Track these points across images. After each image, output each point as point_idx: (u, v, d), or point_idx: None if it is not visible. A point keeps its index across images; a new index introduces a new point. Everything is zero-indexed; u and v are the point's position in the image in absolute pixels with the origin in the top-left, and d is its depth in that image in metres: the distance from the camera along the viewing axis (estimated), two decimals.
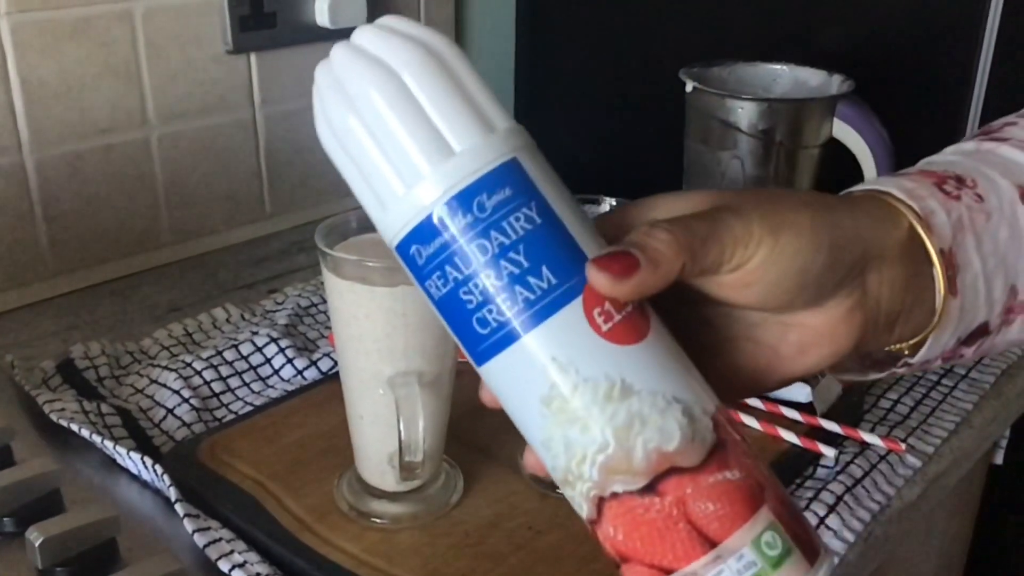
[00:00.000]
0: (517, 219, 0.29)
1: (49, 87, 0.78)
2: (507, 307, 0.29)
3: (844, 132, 0.81)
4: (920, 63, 0.88)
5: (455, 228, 0.29)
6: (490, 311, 0.30)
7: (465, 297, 0.30)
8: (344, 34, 0.33)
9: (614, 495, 0.29)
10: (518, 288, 0.29)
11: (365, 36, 0.31)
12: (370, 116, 0.30)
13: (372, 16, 0.96)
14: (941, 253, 0.34)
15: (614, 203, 0.56)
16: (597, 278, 0.29)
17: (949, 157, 0.40)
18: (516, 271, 0.29)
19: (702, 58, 0.85)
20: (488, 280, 0.29)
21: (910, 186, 0.36)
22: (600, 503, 0.30)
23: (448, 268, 0.29)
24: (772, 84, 0.85)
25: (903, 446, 0.61)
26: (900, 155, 0.81)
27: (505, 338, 0.30)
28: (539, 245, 0.29)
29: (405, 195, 0.29)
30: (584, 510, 0.30)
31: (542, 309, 0.29)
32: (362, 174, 0.30)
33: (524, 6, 1.16)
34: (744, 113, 0.77)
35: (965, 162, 0.38)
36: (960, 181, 0.36)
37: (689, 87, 0.81)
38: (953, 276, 0.35)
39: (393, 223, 0.30)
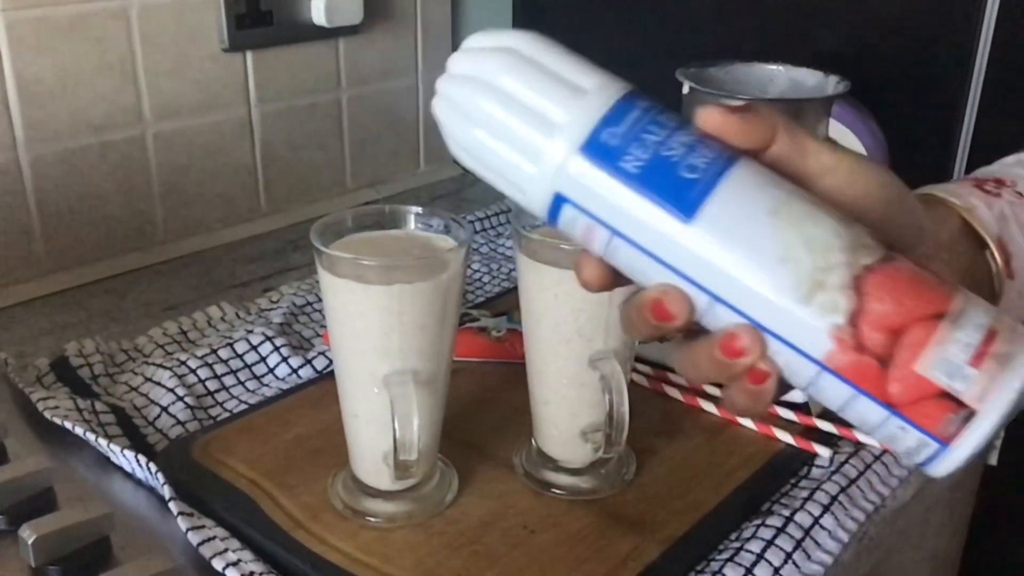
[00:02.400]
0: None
1: (44, 84, 0.78)
2: (709, 148, 0.32)
3: (840, 133, 0.81)
4: (916, 64, 0.88)
5: (641, 105, 0.33)
6: (698, 154, 0.32)
7: (668, 152, 0.32)
8: (340, 32, 0.34)
9: (867, 268, 0.31)
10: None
11: (456, 59, 0.35)
12: (514, 77, 0.33)
13: (367, 15, 0.97)
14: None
15: None
16: (709, 113, 0.33)
17: (988, 168, 0.43)
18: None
19: (698, 58, 0.85)
20: (685, 134, 0.33)
21: (951, 187, 0.38)
22: (858, 283, 0.30)
23: (645, 135, 0.32)
24: (768, 84, 0.85)
25: None
26: (896, 156, 0.81)
27: (718, 171, 0.32)
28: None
29: (576, 103, 0.33)
30: (843, 308, 0.30)
31: None
32: (518, 118, 0.33)
33: (521, 7, 1.16)
34: None
35: (1003, 169, 0.41)
36: (999, 182, 0.39)
37: (685, 88, 0.81)
38: (1008, 260, 0.35)
39: (573, 128, 0.33)
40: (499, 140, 0.33)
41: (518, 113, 0.33)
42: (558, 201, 0.33)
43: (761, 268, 0.31)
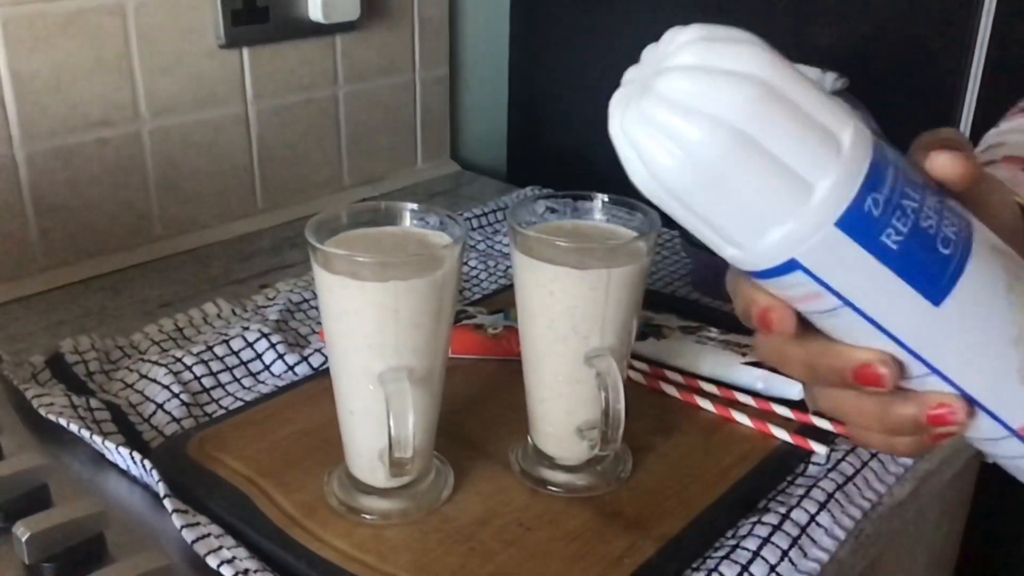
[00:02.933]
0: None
1: (40, 80, 0.78)
2: (950, 210, 0.29)
3: None
4: (914, 60, 0.88)
5: (889, 157, 0.29)
6: (948, 223, 0.29)
7: (926, 223, 0.28)
8: (337, 29, 0.32)
9: None
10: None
11: (675, 78, 0.28)
12: (758, 128, 0.27)
13: (364, 11, 0.96)
14: None
15: (606, 199, 0.56)
16: (942, 160, 0.30)
17: (1018, 136, 0.41)
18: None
19: None
20: (926, 191, 0.29)
21: (1006, 175, 0.37)
22: None
23: (904, 202, 0.28)
24: None
25: None
26: None
27: (967, 243, 0.29)
28: None
29: (837, 161, 0.27)
30: None
31: None
32: (759, 173, 0.27)
33: (519, 4, 1.16)
34: None
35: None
36: None
37: None
38: None
39: (833, 196, 0.28)
40: (729, 191, 0.28)
41: (763, 166, 0.27)
42: (790, 266, 0.29)
43: (993, 349, 0.30)
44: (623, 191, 0.45)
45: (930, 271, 0.29)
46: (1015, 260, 0.30)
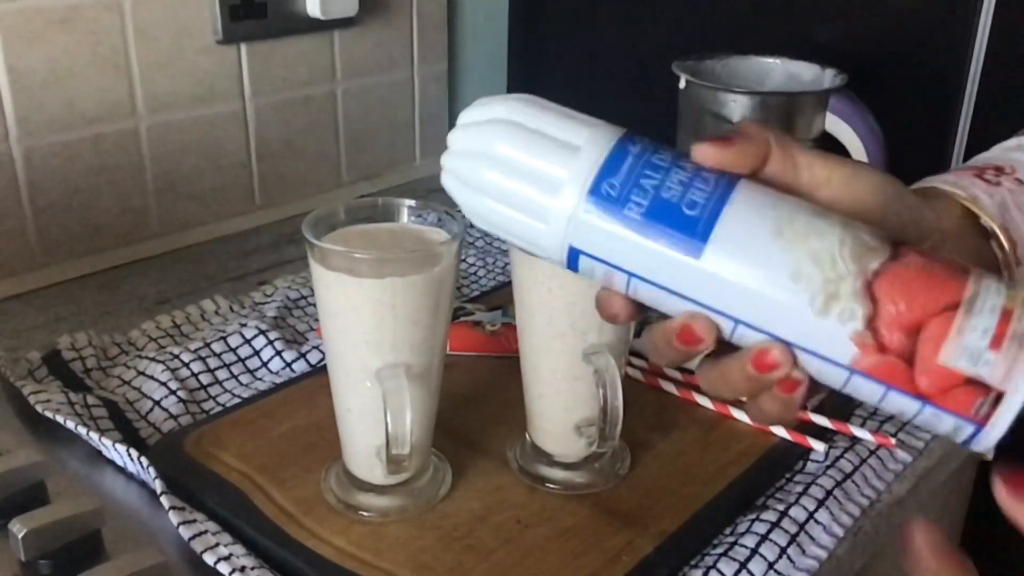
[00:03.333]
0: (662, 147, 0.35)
1: (37, 76, 0.77)
2: (705, 181, 0.34)
3: (837, 126, 0.81)
4: (913, 57, 0.87)
5: (634, 151, 0.34)
6: (696, 189, 0.33)
7: (668, 194, 0.33)
8: (335, 25, 0.34)
9: (875, 272, 0.31)
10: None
11: (455, 135, 0.37)
12: (510, 148, 0.36)
13: (362, 7, 0.96)
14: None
15: None
16: (702, 148, 0.34)
17: (988, 154, 0.43)
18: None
19: (695, 51, 0.84)
20: (680, 170, 0.34)
21: (951, 179, 0.38)
22: (870, 288, 0.31)
23: (642, 180, 0.34)
24: (765, 78, 0.85)
25: (893, 441, 0.61)
26: (893, 149, 0.80)
27: (719, 202, 0.33)
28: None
29: (573, 160, 0.34)
30: (859, 314, 0.31)
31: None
32: (521, 183, 0.35)
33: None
34: (737, 106, 0.77)
35: (1002, 155, 0.41)
36: (999, 170, 0.40)
37: (682, 81, 0.81)
38: (1015, 247, 0.36)
39: (574, 185, 0.34)
40: (508, 206, 0.35)
41: (520, 178, 0.35)
42: (574, 253, 0.35)
43: (775, 289, 0.32)
44: None
45: (678, 230, 0.33)
46: (790, 209, 0.33)
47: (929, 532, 0.33)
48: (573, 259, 0.35)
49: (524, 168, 0.35)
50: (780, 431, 0.60)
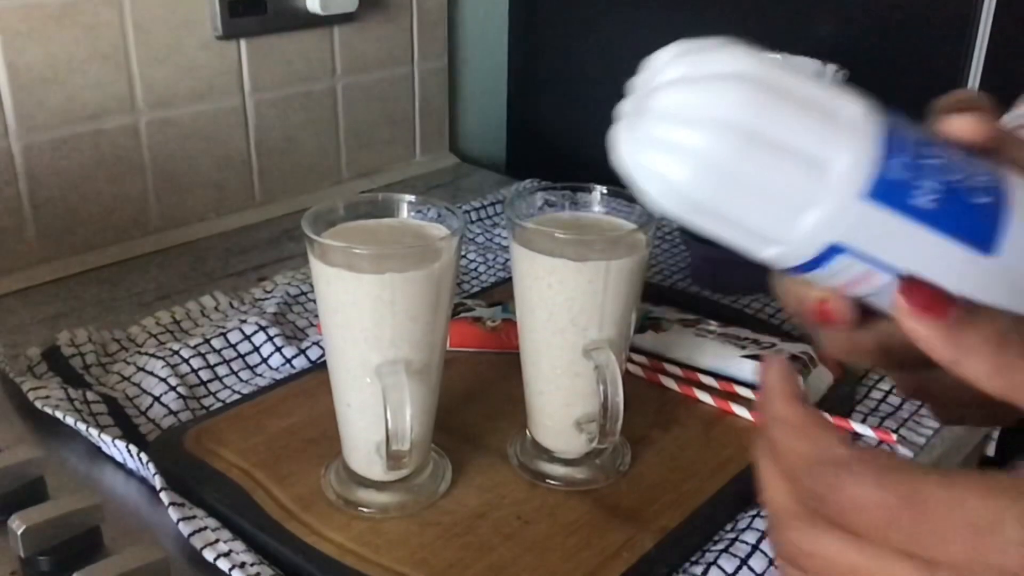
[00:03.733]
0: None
1: (36, 71, 0.77)
2: (970, 160, 0.29)
3: None
4: (914, 53, 0.87)
5: (902, 123, 0.29)
6: (978, 173, 0.29)
7: (956, 177, 0.28)
8: (335, 20, 0.32)
9: None
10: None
11: (666, 94, 0.28)
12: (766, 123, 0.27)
13: (362, 2, 0.96)
14: None
15: (605, 191, 0.56)
16: (967, 122, 0.29)
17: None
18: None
19: None
20: (943, 148, 0.29)
21: None
22: None
23: (928, 161, 0.28)
24: None
25: (895, 437, 0.61)
26: None
27: (1002, 190, 0.29)
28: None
29: (846, 134, 0.28)
30: None
31: None
32: (774, 171, 0.28)
33: None
34: None
35: None
36: None
37: None
38: None
39: (855, 168, 0.27)
40: (748, 188, 0.28)
41: (776, 157, 0.27)
42: (832, 251, 0.28)
43: None
44: (622, 183, 0.44)
45: (973, 222, 0.28)
46: None
47: (783, 375, 0.30)
48: (825, 258, 0.29)
49: (784, 146, 0.27)
50: None
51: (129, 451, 0.55)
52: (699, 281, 0.83)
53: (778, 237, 0.29)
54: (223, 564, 0.48)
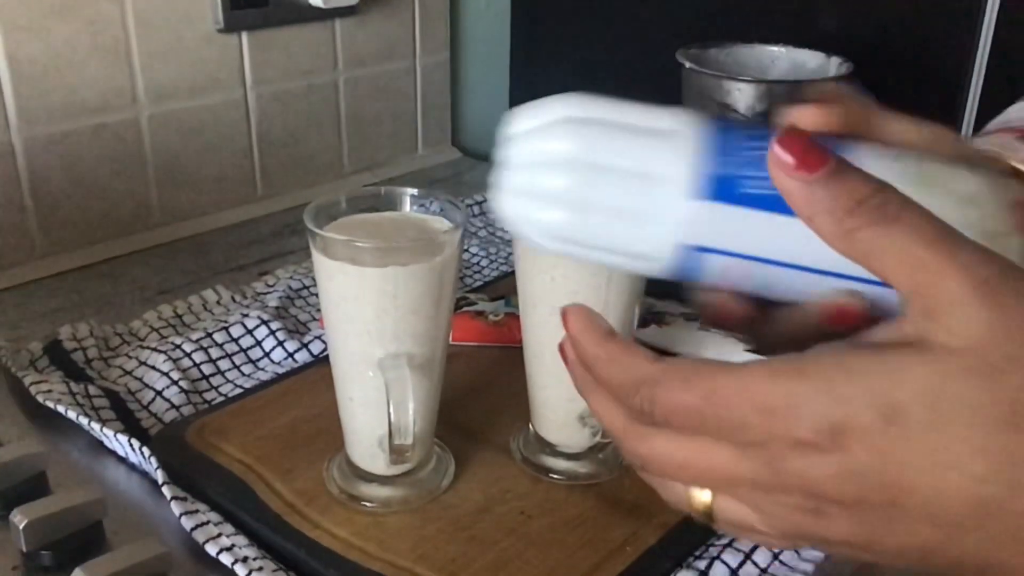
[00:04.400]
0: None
1: (37, 65, 0.77)
2: None
3: None
4: (918, 45, 0.87)
5: (723, 126, 0.31)
6: None
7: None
8: (336, 13, 0.33)
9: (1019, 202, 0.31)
10: None
11: (515, 148, 0.32)
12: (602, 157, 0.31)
13: None
14: None
15: None
16: (804, 111, 0.33)
17: (1005, 117, 0.43)
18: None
19: (699, 39, 0.84)
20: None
21: (993, 140, 0.38)
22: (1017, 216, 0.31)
23: (749, 153, 0.30)
24: (770, 66, 0.84)
25: None
26: None
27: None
28: None
29: (666, 145, 0.30)
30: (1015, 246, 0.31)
31: None
32: (611, 184, 0.31)
33: None
34: (741, 95, 0.76)
35: None
36: None
37: (686, 68, 0.80)
38: None
39: (681, 173, 0.30)
40: (599, 214, 0.31)
41: (612, 180, 0.30)
42: (691, 254, 0.31)
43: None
44: None
45: None
46: (914, 159, 0.32)
47: (586, 319, 0.33)
48: (688, 262, 0.31)
49: (613, 167, 0.30)
50: None
51: (131, 445, 0.55)
52: None
53: (643, 252, 0.32)
54: (225, 559, 0.48)
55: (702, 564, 0.50)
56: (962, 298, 0.26)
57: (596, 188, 0.31)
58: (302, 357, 0.68)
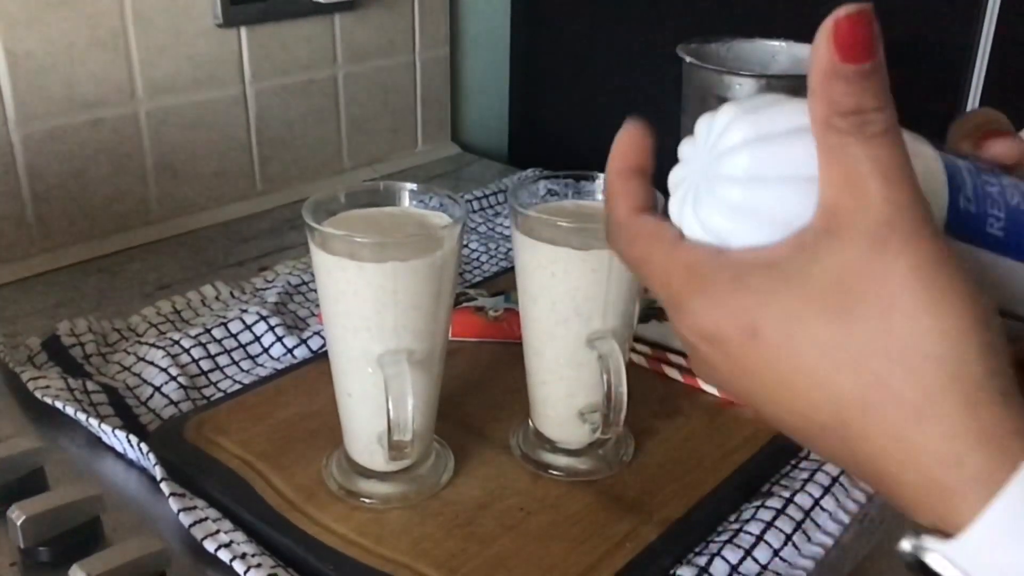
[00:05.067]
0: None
1: (35, 59, 0.77)
2: (1016, 182, 0.30)
3: None
4: (919, 42, 0.87)
5: (951, 153, 0.30)
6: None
7: (1014, 201, 0.29)
8: (336, 8, 0.32)
9: None
10: None
11: (754, 155, 0.29)
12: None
13: None
14: None
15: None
16: (1004, 143, 0.33)
17: None
18: None
19: (700, 34, 0.84)
20: (992, 171, 0.30)
21: None
22: None
23: (988, 189, 0.29)
24: (770, 61, 0.84)
25: None
26: None
27: None
28: None
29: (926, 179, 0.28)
30: None
31: None
32: None
33: None
34: (742, 90, 0.76)
35: None
36: None
37: (687, 63, 0.80)
38: None
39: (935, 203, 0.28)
40: None
41: None
42: None
43: None
44: None
45: None
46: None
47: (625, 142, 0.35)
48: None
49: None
50: None
51: (129, 441, 0.55)
52: None
53: None
54: (224, 555, 0.47)
55: (702, 560, 0.49)
56: (861, 238, 0.27)
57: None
58: (301, 353, 0.68)
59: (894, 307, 0.26)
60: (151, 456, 0.53)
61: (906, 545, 0.28)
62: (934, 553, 0.27)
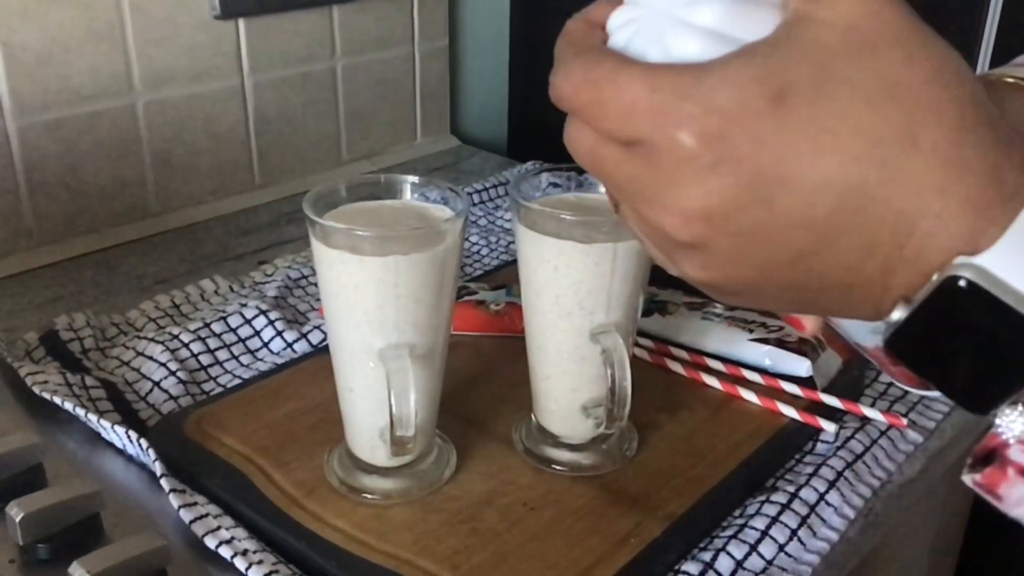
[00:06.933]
0: None
1: (31, 52, 0.76)
2: None
3: None
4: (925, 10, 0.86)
5: None
6: None
7: None
8: (334, 0, 0.31)
9: None
10: None
11: None
12: None
13: None
14: None
15: None
16: None
17: None
18: None
19: None
20: None
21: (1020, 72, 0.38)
22: None
23: None
24: None
25: (904, 421, 0.60)
26: None
27: None
28: None
29: None
30: None
31: None
32: None
33: None
34: None
35: None
36: None
37: None
38: None
39: None
40: None
41: None
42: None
43: None
44: None
45: None
46: None
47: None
48: None
49: None
50: (790, 411, 0.59)
51: (129, 437, 0.54)
52: None
53: None
54: (225, 551, 0.47)
55: (707, 556, 0.49)
56: None
57: None
58: (301, 347, 0.67)
59: (911, 43, 0.28)
60: (151, 452, 0.52)
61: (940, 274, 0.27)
62: (972, 268, 0.27)
